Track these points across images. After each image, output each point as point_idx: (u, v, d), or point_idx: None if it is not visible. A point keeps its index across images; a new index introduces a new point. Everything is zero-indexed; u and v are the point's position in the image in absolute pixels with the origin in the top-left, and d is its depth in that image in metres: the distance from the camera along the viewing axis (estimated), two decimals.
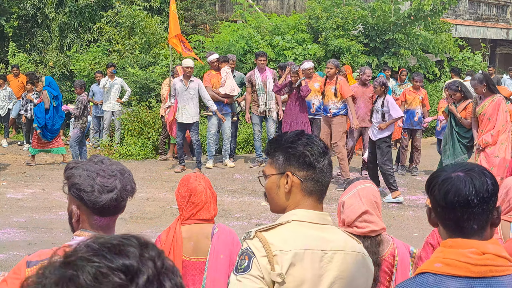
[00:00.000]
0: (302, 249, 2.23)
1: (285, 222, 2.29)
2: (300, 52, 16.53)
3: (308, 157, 2.31)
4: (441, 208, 2.14)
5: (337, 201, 10.18)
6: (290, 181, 2.32)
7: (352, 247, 2.36)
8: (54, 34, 19.53)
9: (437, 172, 2.21)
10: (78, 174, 2.38)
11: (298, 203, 2.34)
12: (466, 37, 21.28)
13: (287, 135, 2.39)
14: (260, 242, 2.22)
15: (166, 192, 11.03)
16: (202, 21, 21.09)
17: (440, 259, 2.09)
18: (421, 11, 16.01)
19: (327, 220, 2.37)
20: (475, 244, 2.07)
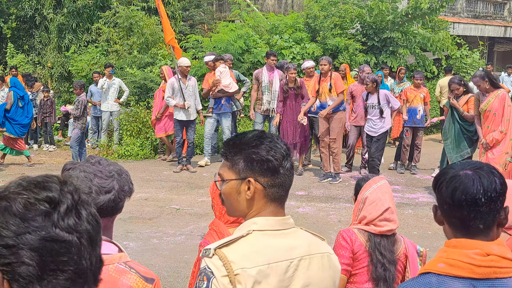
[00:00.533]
0: (266, 263, 2.11)
1: (246, 234, 2.16)
2: (298, 51, 16.49)
3: (272, 163, 2.18)
4: (447, 205, 2.11)
5: (336, 200, 10.29)
6: (253, 188, 2.18)
7: (317, 249, 2.27)
8: (52, 35, 19.51)
9: (445, 169, 2.18)
10: (76, 175, 2.37)
11: (260, 210, 2.21)
12: (464, 35, 21.23)
13: (247, 137, 2.24)
14: (220, 260, 2.07)
15: (165, 192, 10.98)
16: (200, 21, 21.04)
17: (444, 259, 2.07)
18: (419, 9, 15.97)
19: (289, 224, 2.24)
20: (480, 245, 2.04)
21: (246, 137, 2.23)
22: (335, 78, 11.38)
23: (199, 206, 10.02)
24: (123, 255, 2.38)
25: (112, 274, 2.30)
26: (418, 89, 12.68)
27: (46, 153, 15.61)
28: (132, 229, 8.70)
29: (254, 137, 2.22)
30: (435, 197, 2.18)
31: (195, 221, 9.13)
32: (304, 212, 9.67)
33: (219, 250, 2.09)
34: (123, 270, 2.32)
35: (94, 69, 17.15)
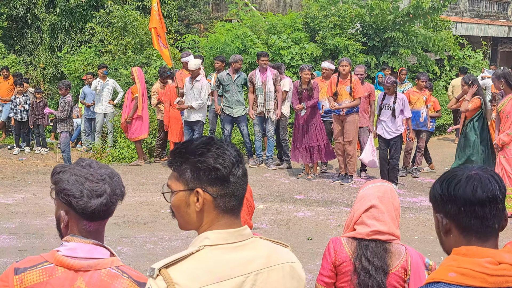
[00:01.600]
0: (216, 282, 1.99)
1: (196, 251, 2.03)
2: (296, 51, 16.28)
3: (221, 171, 2.06)
4: (468, 206, 2.05)
5: (336, 204, 10.11)
6: (202, 199, 2.06)
7: (277, 259, 2.17)
8: (44, 35, 19.45)
9: (453, 173, 2.14)
10: (66, 179, 2.35)
11: (212, 222, 2.09)
12: (467, 35, 21.03)
13: (193, 144, 2.11)
14: (164, 281, 1.95)
15: (160, 196, 10.58)
16: (196, 21, 20.99)
17: (454, 268, 2.00)
18: (420, 8, 15.75)
19: (245, 234, 2.12)
20: (491, 253, 2.01)
21: (193, 144, 2.11)
22: (355, 83, 11.25)
23: None
24: (115, 260, 2.36)
25: (104, 278, 2.29)
26: (421, 92, 12.42)
27: (38, 156, 15.58)
28: (126, 234, 8.59)
29: (200, 145, 2.10)
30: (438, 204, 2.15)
31: None
32: (303, 216, 9.56)
33: (164, 270, 1.98)
34: (115, 275, 2.31)
35: (87, 70, 17.01)
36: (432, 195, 2.19)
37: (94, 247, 2.35)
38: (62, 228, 2.42)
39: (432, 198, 2.19)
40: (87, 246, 2.34)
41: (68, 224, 2.40)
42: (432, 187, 2.21)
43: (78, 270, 2.29)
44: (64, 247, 2.34)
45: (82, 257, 2.31)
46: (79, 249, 2.33)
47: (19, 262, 2.36)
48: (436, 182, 2.20)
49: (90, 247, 2.34)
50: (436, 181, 2.20)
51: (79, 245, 2.34)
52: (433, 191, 2.18)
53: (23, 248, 7.94)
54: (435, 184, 2.19)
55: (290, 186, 11.39)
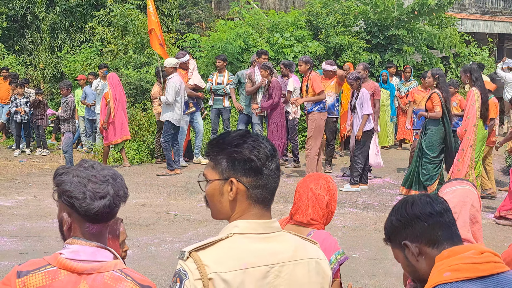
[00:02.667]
0: (242, 268, 2.08)
1: (225, 237, 2.14)
2: (299, 49, 16.17)
3: (255, 162, 2.15)
4: (431, 219, 2.23)
5: (341, 204, 10.04)
6: (235, 188, 2.16)
7: (304, 254, 2.23)
8: (44, 35, 19.40)
9: (401, 202, 2.35)
10: (69, 180, 2.33)
11: (243, 212, 2.18)
12: (473, 31, 20.85)
13: (230, 136, 2.21)
14: (194, 263, 2.06)
15: (163, 197, 10.75)
16: (198, 19, 20.94)
17: (446, 268, 2.09)
18: (426, 5, 15.59)
19: (274, 227, 2.21)
20: (471, 247, 2.15)
21: (230, 136, 2.21)
22: (312, 79, 11.29)
23: (197, 212, 9.84)
24: (118, 262, 2.36)
25: (108, 281, 2.29)
26: (426, 90, 12.19)
27: (39, 158, 15.52)
28: (128, 236, 8.21)
29: (237, 136, 2.20)
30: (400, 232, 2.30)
31: (194, 228, 8.93)
32: None
33: (195, 253, 2.08)
34: (119, 278, 2.31)
35: (88, 70, 16.88)
36: (389, 228, 2.33)
37: (97, 249, 2.34)
38: (65, 230, 2.41)
39: (390, 231, 2.33)
40: (90, 249, 2.32)
41: (71, 227, 2.38)
42: (385, 224, 2.35)
43: (81, 273, 2.27)
44: (67, 249, 2.33)
45: (85, 259, 2.30)
46: (82, 252, 2.31)
47: (22, 265, 2.35)
48: (387, 218, 2.35)
49: (93, 249, 2.33)
50: (388, 218, 2.35)
51: (82, 248, 2.32)
52: (390, 224, 2.32)
53: (24, 251, 7.87)
54: (389, 218, 2.34)
55: (294, 187, 11.13)
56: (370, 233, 8.53)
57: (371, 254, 7.57)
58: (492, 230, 8.82)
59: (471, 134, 9.64)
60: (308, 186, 3.71)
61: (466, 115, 9.70)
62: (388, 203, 10.15)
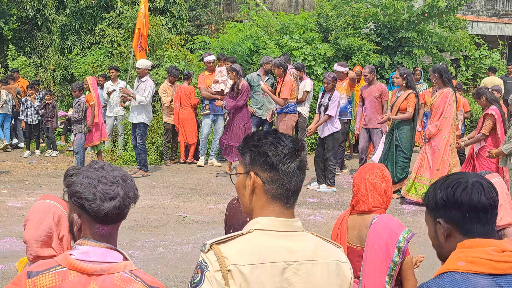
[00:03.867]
0: (260, 262, 2.13)
1: (246, 232, 2.20)
2: (309, 52, 16.09)
3: (270, 158, 2.20)
4: (473, 212, 2.20)
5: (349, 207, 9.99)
6: (252, 182, 2.23)
7: (324, 255, 2.25)
8: (54, 37, 19.41)
9: (456, 180, 2.27)
10: (79, 181, 2.34)
11: (263, 207, 2.24)
12: (483, 34, 20.76)
13: (258, 133, 2.30)
14: (214, 255, 2.12)
15: (172, 199, 10.75)
16: (207, 21, 20.93)
17: (463, 258, 2.13)
18: (436, 7, 15.51)
19: (296, 226, 2.24)
20: (494, 243, 2.16)
21: (258, 133, 2.28)
22: (284, 84, 11.42)
23: (206, 213, 9.84)
24: (128, 264, 2.37)
25: (117, 283, 2.29)
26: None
27: (48, 159, 15.48)
28: (137, 238, 8.53)
29: (262, 133, 2.27)
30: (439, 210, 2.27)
31: (203, 229, 8.93)
32: (316, 220, 9.46)
33: (215, 245, 2.13)
34: (128, 279, 2.31)
35: (97, 71, 16.88)
36: (432, 200, 2.30)
37: (107, 250, 2.34)
38: (75, 231, 2.42)
39: (431, 203, 2.30)
40: (100, 250, 2.33)
41: (81, 228, 2.39)
42: (430, 193, 2.31)
43: (91, 274, 2.28)
44: (77, 250, 2.33)
45: (95, 260, 2.30)
46: (92, 253, 2.31)
47: (32, 266, 2.36)
48: (435, 188, 2.30)
49: (103, 250, 2.33)
50: (436, 187, 2.30)
51: (92, 249, 2.32)
52: (434, 197, 2.28)
53: None
54: (436, 190, 2.29)
55: (303, 190, 11.19)
56: None
57: None
58: None
59: (449, 133, 9.81)
60: (364, 177, 4.00)
61: (442, 115, 9.81)
62: (393, 205, 10.07)
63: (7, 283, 7.17)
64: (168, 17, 18.87)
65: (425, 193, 2.35)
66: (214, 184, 11.76)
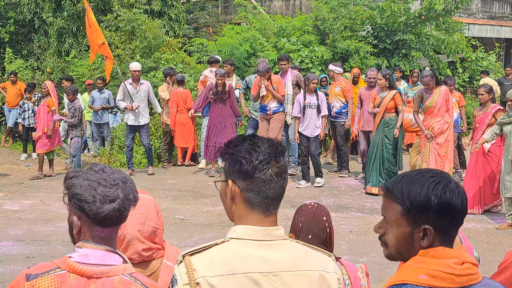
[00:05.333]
0: (230, 273, 2.03)
1: (221, 242, 2.11)
2: (306, 54, 16.10)
3: (244, 166, 2.10)
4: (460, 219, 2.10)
5: (347, 209, 10.06)
6: (230, 190, 2.15)
7: (305, 265, 2.13)
8: (51, 39, 19.36)
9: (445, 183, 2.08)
10: (79, 184, 2.33)
11: (242, 215, 2.15)
12: (480, 36, 20.80)
13: (235, 139, 2.20)
14: (184, 267, 2.05)
15: (169, 201, 10.71)
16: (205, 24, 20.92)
17: (425, 270, 2.03)
18: (432, 10, 15.53)
19: (275, 235, 2.13)
20: (456, 254, 2.07)
21: (235, 139, 2.20)
22: (277, 82, 11.89)
23: (204, 216, 9.82)
24: (128, 266, 2.35)
25: (117, 285, 2.27)
26: (450, 94, 12.21)
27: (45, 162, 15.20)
28: None
29: (240, 138, 2.19)
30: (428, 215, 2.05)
31: (200, 232, 8.93)
32: None
33: (188, 256, 2.06)
34: (128, 282, 2.30)
35: (95, 74, 16.85)
36: (420, 203, 2.05)
37: (107, 253, 2.33)
38: (75, 234, 2.40)
39: (417, 206, 2.05)
40: (100, 253, 2.31)
41: (81, 230, 2.38)
42: (416, 194, 2.06)
43: (91, 277, 2.26)
44: (76, 253, 2.31)
45: (94, 263, 2.29)
46: (92, 256, 2.30)
47: (31, 268, 2.34)
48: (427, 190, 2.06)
49: (103, 253, 2.32)
50: (428, 190, 2.06)
51: (92, 251, 2.31)
52: (426, 201, 2.04)
53: (30, 255, 7.88)
54: (428, 193, 2.05)
55: (301, 191, 11.22)
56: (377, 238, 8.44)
57: (378, 259, 7.52)
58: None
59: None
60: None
61: (448, 110, 10.26)
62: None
63: (4, 286, 7.16)
64: (166, 19, 18.86)
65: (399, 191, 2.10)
66: (212, 186, 11.73)
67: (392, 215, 2.13)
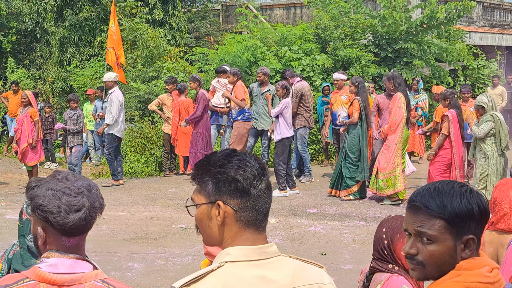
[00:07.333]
0: None
1: (216, 267, 1.98)
2: (307, 63, 16.09)
3: (241, 183, 2.01)
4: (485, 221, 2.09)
5: (350, 218, 10.02)
6: (222, 212, 2.02)
7: (305, 280, 2.08)
8: (53, 49, 19.43)
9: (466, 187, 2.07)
10: (42, 194, 2.26)
11: (235, 237, 2.04)
12: (481, 44, 20.74)
13: (215, 157, 2.07)
14: None
15: (171, 210, 10.68)
16: (206, 33, 20.95)
17: (462, 284, 2.00)
18: (434, 18, 15.51)
19: (270, 252, 2.05)
20: (485, 261, 2.06)
21: (215, 156, 2.08)
22: (236, 87, 12.24)
23: None
24: (99, 272, 2.30)
25: None
26: (466, 103, 12.28)
27: (47, 171, 15.35)
28: (137, 250, 8.46)
29: (222, 156, 2.07)
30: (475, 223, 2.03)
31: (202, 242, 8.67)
32: (316, 230, 9.35)
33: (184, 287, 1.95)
34: (101, 287, 2.26)
35: (96, 84, 16.87)
36: (465, 215, 2.01)
37: (76, 261, 2.28)
38: (40, 245, 2.34)
39: (463, 219, 2.01)
40: (69, 261, 2.26)
41: (46, 241, 2.31)
42: (460, 206, 2.02)
43: (61, 285, 2.21)
44: (44, 263, 2.25)
45: (64, 272, 2.23)
46: (61, 265, 2.25)
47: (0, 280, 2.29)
48: (464, 201, 2.02)
49: (72, 261, 2.27)
50: (464, 200, 2.03)
51: (60, 260, 2.25)
52: (469, 211, 2.01)
53: None
54: (468, 203, 2.02)
55: (303, 200, 11.19)
56: None
57: None
58: None
59: (398, 133, 10.59)
60: (507, 194, 3.78)
61: (392, 116, 10.60)
62: None
63: None
64: (167, 29, 18.90)
65: (438, 205, 2.05)
66: None
67: (434, 230, 2.04)
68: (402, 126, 10.62)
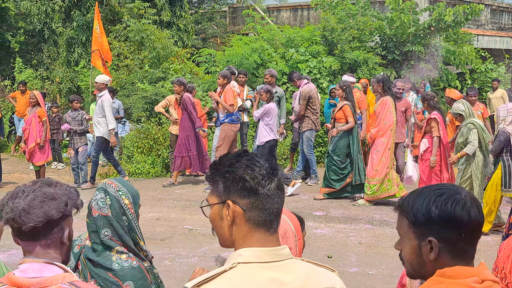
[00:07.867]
0: None
1: (229, 268, 1.98)
2: (314, 65, 16.08)
3: (248, 182, 2.01)
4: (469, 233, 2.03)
5: (356, 220, 10.03)
6: (231, 211, 2.03)
7: (317, 283, 2.07)
8: (61, 49, 19.45)
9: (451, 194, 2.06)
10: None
11: (245, 237, 2.04)
12: (489, 47, 20.64)
13: (226, 157, 2.10)
14: None
15: (178, 211, 10.69)
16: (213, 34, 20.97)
17: None
18: (442, 21, 15.48)
19: (283, 254, 2.04)
20: (475, 272, 2.01)
21: (226, 157, 2.11)
22: (226, 91, 12.03)
23: None
24: (68, 275, 2.36)
25: None
26: (473, 106, 12.26)
27: (54, 171, 15.43)
28: None
29: (232, 156, 2.09)
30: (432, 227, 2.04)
31: (209, 242, 8.86)
32: (323, 233, 9.34)
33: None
34: None
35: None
36: (422, 216, 2.06)
37: (44, 265, 2.36)
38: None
39: (420, 219, 2.06)
40: (37, 266, 2.36)
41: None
42: (419, 207, 2.08)
43: None
44: (18, 269, 2.38)
45: (32, 276, 2.33)
46: (30, 269, 2.35)
47: None
48: (428, 202, 2.07)
49: (40, 265, 2.36)
50: (429, 202, 2.06)
51: (30, 265, 2.37)
52: (427, 213, 2.05)
53: None
54: (429, 205, 2.06)
55: (309, 203, 11.17)
56: (387, 250, 8.42)
57: (388, 271, 7.48)
58: None
59: (389, 137, 10.59)
60: None
61: (382, 121, 10.59)
62: None
63: None
64: (175, 30, 18.91)
65: (407, 205, 2.12)
66: None
67: (402, 229, 2.15)
68: (393, 131, 10.66)
